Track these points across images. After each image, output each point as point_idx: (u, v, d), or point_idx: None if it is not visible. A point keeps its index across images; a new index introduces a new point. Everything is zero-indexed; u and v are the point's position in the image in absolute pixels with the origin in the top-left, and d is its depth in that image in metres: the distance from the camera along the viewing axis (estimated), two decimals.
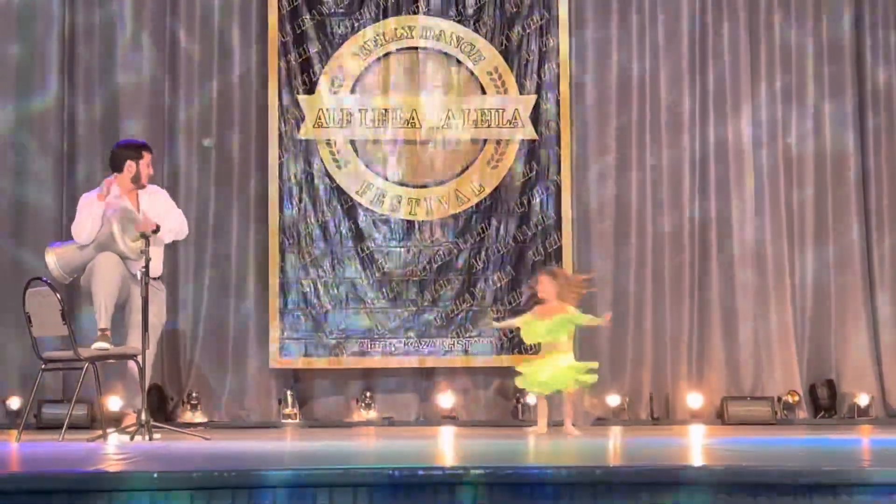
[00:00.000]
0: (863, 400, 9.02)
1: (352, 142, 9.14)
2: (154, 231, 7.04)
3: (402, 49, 9.19)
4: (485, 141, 9.16)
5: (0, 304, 8.81)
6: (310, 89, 9.10)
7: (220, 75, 9.18)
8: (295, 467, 4.10)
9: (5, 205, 9.03)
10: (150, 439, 6.57)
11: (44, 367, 7.09)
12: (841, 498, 3.83)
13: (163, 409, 8.73)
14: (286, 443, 6.67)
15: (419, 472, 3.88)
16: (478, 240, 9.09)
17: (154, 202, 7.50)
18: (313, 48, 9.11)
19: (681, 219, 9.25)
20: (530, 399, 8.76)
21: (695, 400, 9.03)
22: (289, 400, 8.85)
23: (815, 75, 9.40)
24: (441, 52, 9.19)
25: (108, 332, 7.05)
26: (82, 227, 7.28)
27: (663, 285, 9.20)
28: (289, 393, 8.88)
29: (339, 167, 9.10)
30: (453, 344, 9.01)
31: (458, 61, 9.18)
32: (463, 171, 9.14)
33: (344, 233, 9.06)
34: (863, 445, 5.92)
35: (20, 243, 8.98)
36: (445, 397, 8.98)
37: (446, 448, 5.80)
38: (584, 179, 9.25)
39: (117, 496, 3.76)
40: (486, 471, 3.89)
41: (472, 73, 9.18)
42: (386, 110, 9.15)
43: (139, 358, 6.87)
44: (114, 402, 8.25)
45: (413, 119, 9.14)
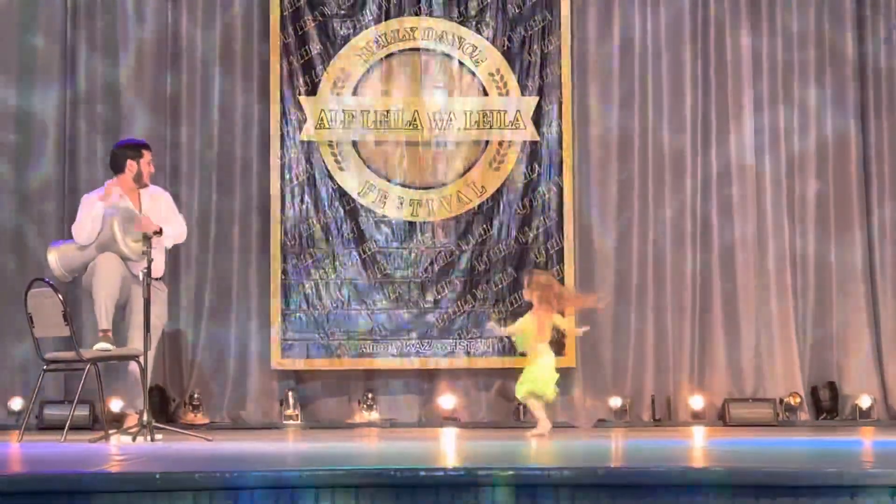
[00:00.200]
0: (864, 402, 9.01)
1: (354, 143, 9.13)
2: (156, 233, 7.04)
3: (404, 50, 9.19)
4: (487, 142, 9.16)
5: (1, 304, 8.82)
6: (312, 90, 9.10)
7: (221, 76, 9.18)
8: (297, 468, 4.10)
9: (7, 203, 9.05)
10: (152, 440, 6.58)
11: (46, 367, 7.10)
12: (842, 499, 3.84)
13: (164, 411, 8.73)
14: (288, 444, 6.67)
15: (421, 474, 3.89)
16: (479, 241, 9.08)
17: (156, 204, 7.49)
18: (315, 49, 9.11)
19: (683, 218, 9.24)
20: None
21: (696, 401, 9.03)
22: (290, 401, 8.85)
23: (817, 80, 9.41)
24: (443, 53, 9.19)
25: (109, 333, 7.05)
26: (82, 227, 7.27)
27: (665, 287, 9.19)
28: (290, 394, 8.88)
29: (340, 168, 9.09)
30: (455, 345, 9.00)
31: (461, 62, 9.17)
32: (465, 173, 9.14)
33: (346, 234, 9.06)
34: (864, 447, 5.92)
35: (21, 243, 8.98)
36: (447, 399, 8.98)
37: (448, 449, 5.81)
38: (585, 180, 9.24)
39: (119, 497, 3.77)
40: (488, 472, 3.89)
41: (474, 74, 9.18)
42: (388, 111, 9.14)
43: (141, 359, 6.87)
44: (116, 403, 8.25)
45: (415, 120, 9.13)
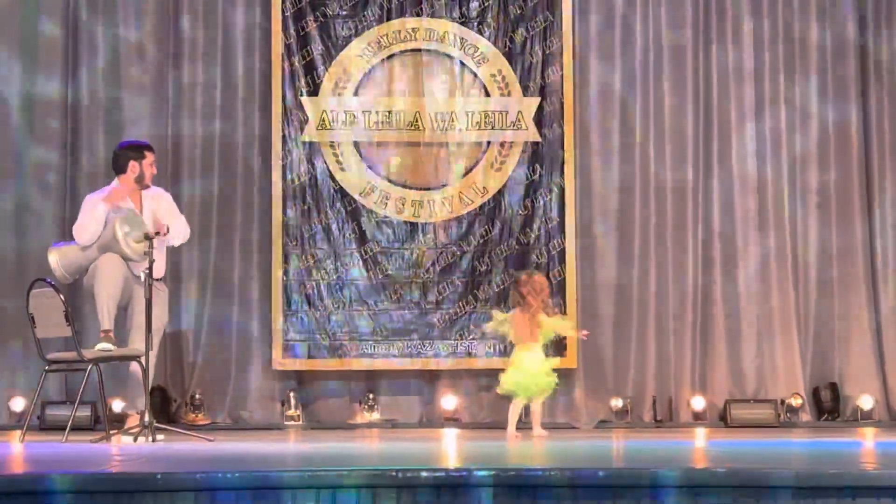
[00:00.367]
0: (866, 403, 9.00)
1: (355, 143, 9.13)
2: (159, 233, 7.05)
3: (406, 51, 9.19)
4: (488, 143, 9.15)
5: (3, 304, 8.82)
6: (314, 91, 9.09)
7: (223, 77, 9.17)
8: (298, 469, 4.10)
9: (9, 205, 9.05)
10: (154, 441, 6.58)
11: (47, 368, 7.10)
12: (844, 501, 3.84)
13: (166, 411, 8.73)
14: (289, 444, 6.67)
15: (422, 474, 3.88)
16: (481, 242, 9.08)
17: (157, 205, 7.49)
18: (317, 50, 9.11)
19: (685, 220, 9.24)
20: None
21: (698, 402, 9.02)
22: (292, 402, 8.85)
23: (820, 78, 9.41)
24: (445, 54, 9.19)
25: (111, 333, 7.05)
26: (84, 228, 7.26)
27: (667, 287, 9.19)
28: (292, 395, 8.88)
29: (342, 169, 9.09)
30: (456, 346, 9.00)
31: (462, 63, 9.17)
32: (466, 174, 9.14)
33: (347, 235, 9.05)
34: (866, 448, 5.92)
35: (24, 243, 8.99)
36: (448, 399, 8.97)
37: (449, 450, 5.81)
38: (587, 181, 9.24)
39: (121, 497, 3.77)
40: (489, 472, 3.89)
41: (475, 75, 9.17)
42: (389, 112, 9.14)
43: (142, 359, 6.87)
44: (117, 404, 8.25)
45: (416, 121, 9.13)
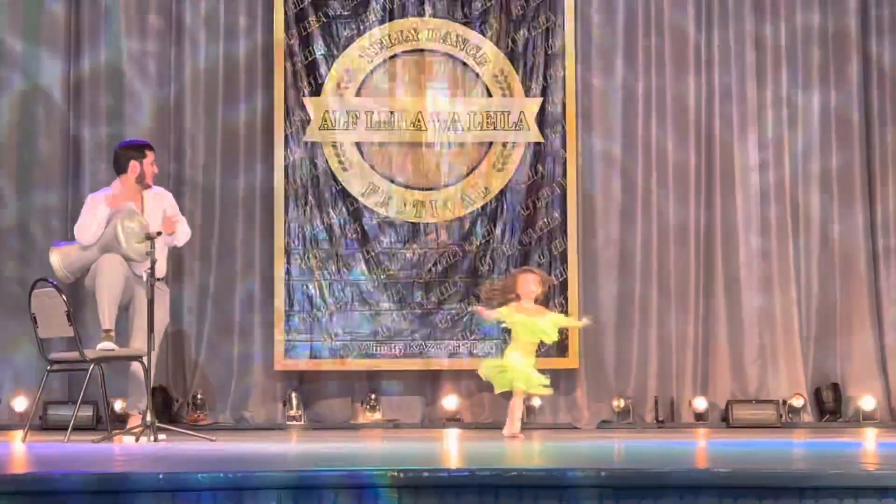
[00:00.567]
0: (868, 403, 9.00)
1: (357, 144, 9.13)
2: (161, 232, 7.05)
3: (408, 51, 9.19)
4: (490, 143, 9.15)
5: (5, 304, 8.83)
6: (316, 91, 9.10)
7: (225, 77, 9.18)
8: (300, 469, 4.10)
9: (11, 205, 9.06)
10: (156, 441, 6.58)
11: (49, 368, 7.11)
12: (846, 501, 3.84)
13: (168, 411, 8.74)
14: (291, 444, 6.67)
15: (424, 474, 3.88)
16: (483, 242, 9.08)
17: (159, 204, 7.49)
18: (319, 50, 9.11)
19: (686, 220, 9.24)
20: (535, 401, 8.77)
21: (700, 403, 9.02)
22: (293, 402, 8.85)
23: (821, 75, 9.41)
24: (447, 54, 9.19)
25: (112, 333, 7.06)
26: (86, 228, 7.26)
27: (669, 288, 9.19)
28: (293, 395, 8.88)
29: (344, 169, 9.10)
30: (458, 346, 9.00)
31: (464, 63, 9.17)
32: (468, 174, 9.14)
33: (349, 235, 9.05)
34: (868, 449, 5.92)
35: (26, 243, 9.00)
36: (450, 399, 8.98)
37: (451, 450, 5.81)
38: (589, 182, 9.24)
39: (123, 497, 3.77)
40: (490, 472, 3.90)
41: (477, 75, 9.17)
42: (392, 112, 9.14)
43: (144, 359, 6.88)
44: (119, 404, 8.25)
45: (419, 121, 9.13)
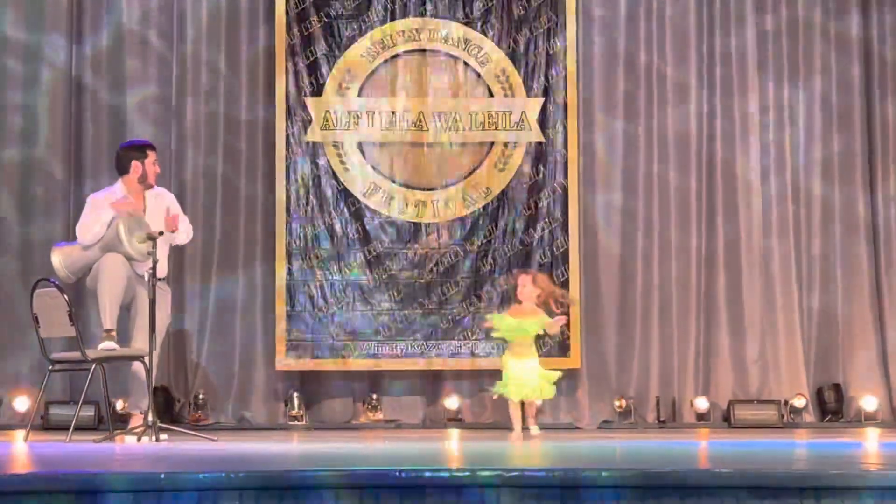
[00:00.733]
0: (870, 403, 9.00)
1: (359, 144, 9.13)
2: (163, 232, 7.05)
3: (410, 51, 9.19)
4: (492, 143, 9.15)
5: (7, 304, 8.84)
6: (317, 91, 9.10)
7: (227, 77, 9.18)
8: (301, 469, 4.10)
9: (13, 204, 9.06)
10: (157, 440, 6.59)
11: (51, 368, 7.11)
12: (848, 502, 3.83)
13: (169, 411, 8.74)
14: (292, 444, 6.67)
15: (425, 474, 3.88)
16: (484, 242, 9.08)
17: (161, 204, 7.49)
18: (321, 50, 9.11)
19: (688, 220, 9.23)
20: (537, 402, 8.75)
21: (701, 403, 9.02)
22: (295, 402, 8.85)
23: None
24: (448, 54, 9.19)
25: (113, 333, 7.06)
26: (88, 229, 7.24)
27: (670, 288, 9.18)
28: (295, 395, 8.88)
29: (346, 169, 9.10)
30: (460, 346, 9.00)
31: (466, 63, 9.17)
32: (470, 174, 9.14)
33: (351, 235, 9.05)
34: (870, 449, 5.92)
35: (27, 242, 9.00)
36: (451, 399, 8.98)
37: (452, 450, 5.81)
38: (590, 182, 9.24)
39: (124, 497, 3.77)
40: (492, 473, 3.89)
41: (479, 75, 9.17)
42: (393, 112, 9.14)
43: (146, 359, 6.88)
44: (121, 404, 8.25)
45: (420, 121, 9.13)
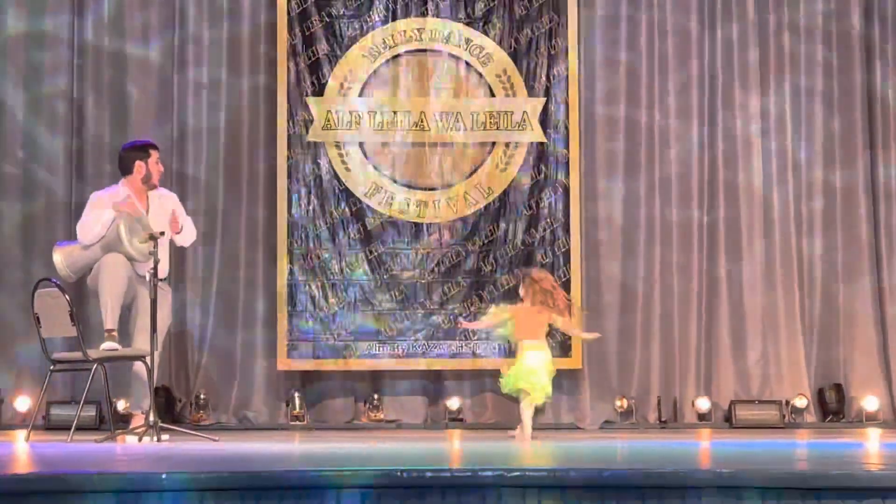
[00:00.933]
0: (871, 404, 9.00)
1: (360, 144, 9.13)
2: (164, 232, 7.05)
3: (411, 51, 9.19)
4: (493, 143, 9.15)
5: (9, 304, 8.84)
6: (319, 91, 9.10)
7: (228, 77, 9.18)
8: (303, 469, 4.11)
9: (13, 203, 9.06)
10: (159, 440, 6.59)
11: (53, 368, 7.11)
12: (849, 502, 3.84)
13: (170, 411, 8.74)
14: (294, 444, 6.68)
15: (427, 474, 3.88)
16: (486, 242, 9.08)
17: (164, 205, 7.50)
18: (322, 50, 9.11)
19: (689, 220, 9.23)
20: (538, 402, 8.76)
21: (703, 403, 9.01)
22: (296, 402, 8.85)
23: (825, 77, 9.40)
24: (450, 54, 9.18)
25: (114, 333, 7.06)
26: (89, 228, 7.23)
27: (672, 288, 9.18)
28: (296, 395, 8.88)
29: (347, 169, 9.09)
30: (461, 346, 9.00)
31: (467, 63, 9.16)
32: (471, 174, 9.14)
33: (352, 235, 9.05)
34: (871, 449, 5.92)
35: (29, 244, 9.00)
36: (453, 400, 8.98)
37: (454, 450, 5.81)
38: (592, 182, 9.23)
39: (125, 497, 3.78)
40: (493, 473, 3.89)
41: (480, 75, 9.17)
42: (395, 112, 9.14)
43: (147, 359, 6.88)
44: (122, 404, 8.25)
45: (421, 121, 9.13)
